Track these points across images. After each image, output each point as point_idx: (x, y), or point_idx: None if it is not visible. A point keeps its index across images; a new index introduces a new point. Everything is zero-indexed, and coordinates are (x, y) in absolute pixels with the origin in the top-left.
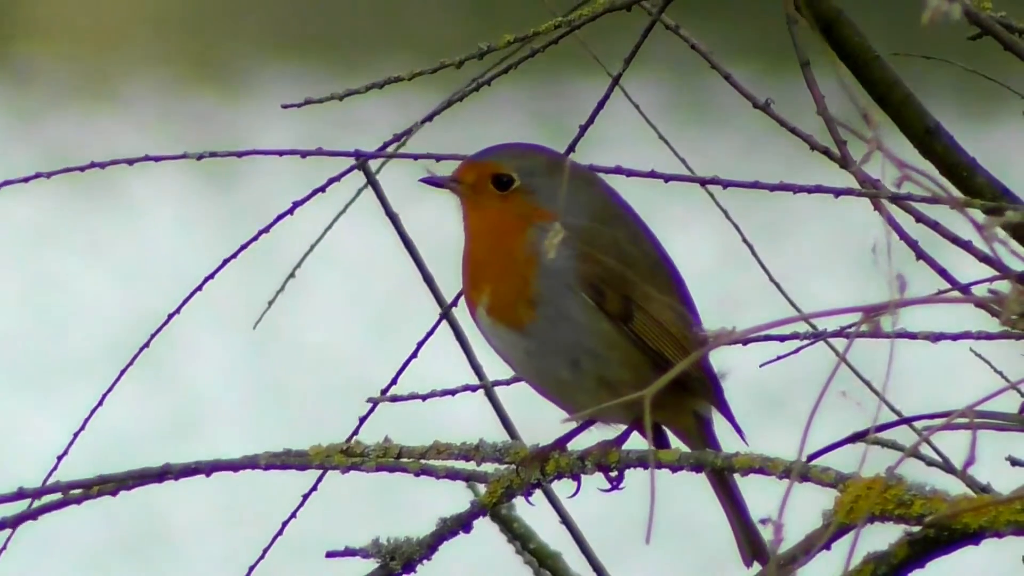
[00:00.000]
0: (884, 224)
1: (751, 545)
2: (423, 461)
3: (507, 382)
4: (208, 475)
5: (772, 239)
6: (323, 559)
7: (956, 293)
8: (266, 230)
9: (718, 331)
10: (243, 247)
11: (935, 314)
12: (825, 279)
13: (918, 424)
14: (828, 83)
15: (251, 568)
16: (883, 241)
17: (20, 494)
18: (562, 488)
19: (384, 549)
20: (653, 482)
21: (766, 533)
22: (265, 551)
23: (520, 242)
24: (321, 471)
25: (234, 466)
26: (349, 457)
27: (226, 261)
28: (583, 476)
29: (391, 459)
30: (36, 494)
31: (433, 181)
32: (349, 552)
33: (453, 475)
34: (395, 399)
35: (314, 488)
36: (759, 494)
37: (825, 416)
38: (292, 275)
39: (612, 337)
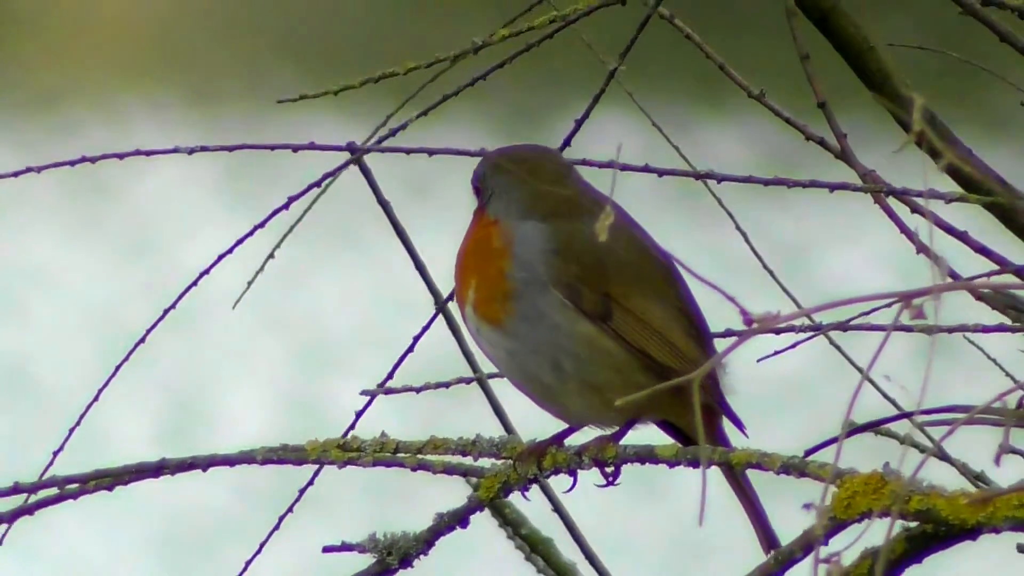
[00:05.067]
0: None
1: (765, 536)
2: (420, 456)
3: (501, 374)
4: (204, 470)
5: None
6: (319, 554)
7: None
8: (261, 225)
9: (762, 314)
10: (238, 242)
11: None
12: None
13: (918, 419)
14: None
15: (247, 564)
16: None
17: (16, 489)
18: (558, 483)
19: (381, 544)
20: (704, 478)
21: (808, 518)
22: (261, 546)
23: (495, 235)
24: (318, 466)
25: (230, 461)
26: (346, 452)
27: (221, 257)
28: (579, 471)
29: (388, 454)
30: (32, 489)
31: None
32: (346, 547)
33: (450, 470)
34: (389, 391)
35: (310, 483)
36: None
37: (826, 410)
38: (271, 255)
39: (591, 338)
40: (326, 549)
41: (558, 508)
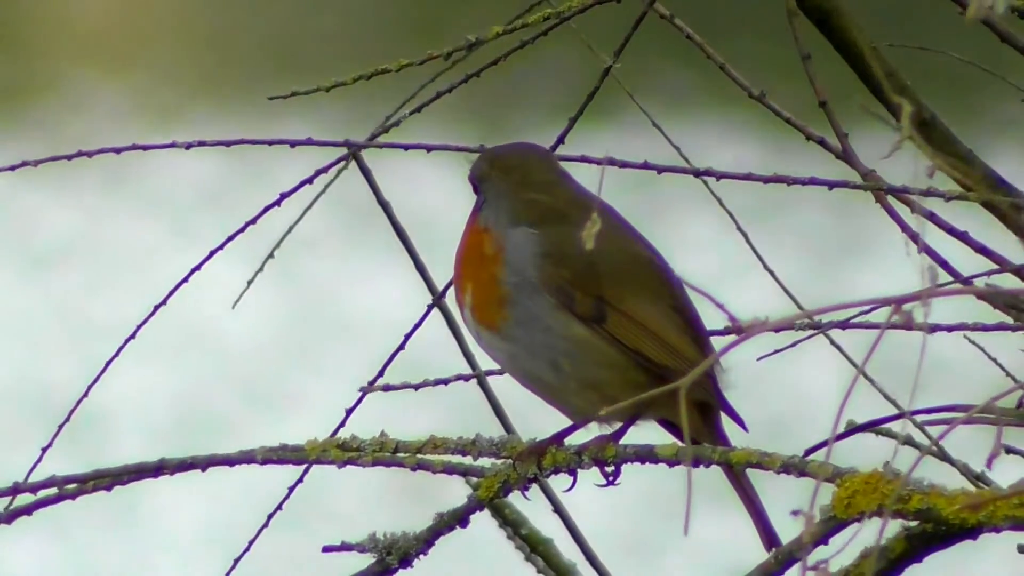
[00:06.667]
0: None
1: (765, 534)
2: (420, 455)
3: (500, 371)
4: (204, 470)
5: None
6: (319, 554)
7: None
8: (252, 222)
9: (751, 320)
10: (229, 239)
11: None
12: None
13: (919, 418)
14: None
15: (236, 561)
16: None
17: (15, 489)
18: (558, 483)
19: (381, 544)
20: (690, 477)
21: (797, 524)
22: (250, 543)
23: (487, 241)
24: (308, 465)
25: (230, 461)
26: (345, 451)
27: (212, 252)
28: (579, 471)
29: (387, 453)
30: (31, 488)
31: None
32: (346, 547)
33: (450, 470)
34: (387, 388)
35: (299, 481)
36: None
37: (826, 410)
38: (271, 255)
39: (584, 339)
40: (326, 549)
41: (558, 508)
